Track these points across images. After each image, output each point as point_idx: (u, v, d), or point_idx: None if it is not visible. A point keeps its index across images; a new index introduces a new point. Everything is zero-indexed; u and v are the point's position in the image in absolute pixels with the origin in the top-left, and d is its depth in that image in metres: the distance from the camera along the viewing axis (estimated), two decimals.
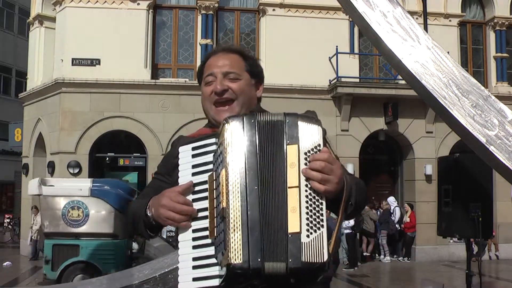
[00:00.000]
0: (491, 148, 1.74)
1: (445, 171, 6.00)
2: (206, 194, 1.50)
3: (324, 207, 1.43)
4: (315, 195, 1.43)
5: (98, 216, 9.60)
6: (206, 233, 1.47)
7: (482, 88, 1.81)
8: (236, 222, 1.38)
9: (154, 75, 14.34)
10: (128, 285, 3.80)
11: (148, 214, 1.60)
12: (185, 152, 1.57)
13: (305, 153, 1.45)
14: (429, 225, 13.31)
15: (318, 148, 1.46)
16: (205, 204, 1.50)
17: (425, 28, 13.46)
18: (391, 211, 14.85)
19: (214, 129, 1.69)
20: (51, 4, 15.03)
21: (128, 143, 14.67)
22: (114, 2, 14.08)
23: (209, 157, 1.51)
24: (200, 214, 1.50)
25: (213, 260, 1.44)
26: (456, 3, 15.78)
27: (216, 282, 1.43)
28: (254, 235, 1.37)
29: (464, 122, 1.76)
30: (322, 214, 1.42)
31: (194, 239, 1.50)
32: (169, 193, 1.54)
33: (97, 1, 14.02)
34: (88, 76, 13.69)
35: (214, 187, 1.47)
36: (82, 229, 9.60)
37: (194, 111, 13.40)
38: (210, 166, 1.50)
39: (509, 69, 16.30)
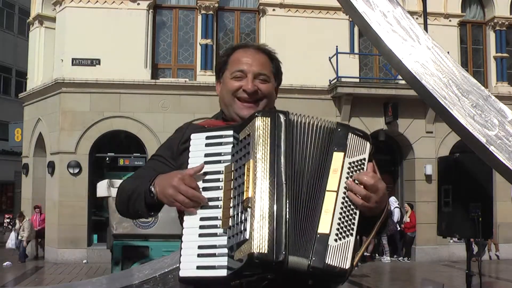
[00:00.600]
0: (491, 148, 1.74)
1: (445, 171, 6.00)
2: (218, 184, 1.48)
3: (357, 217, 1.44)
4: (351, 203, 1.45)
5: (167, 218, 9.58)
6: (215, 222, 1.45)
7: (482, 88, 1.81)
8: (263, 212, 1.36)
9: (154, 75, 14.35)
10: (128, 285, 3.80)
11: (152, 190, 1.55)
12: (198, 140, 1.55)
13: (350, 163, 1.49)
14: (429, 225, 13.30)
15: (363, 161, 1.52)
16: (216, 193, 1.48)
17: (425, 28, 13.46)
18: (391, 212, 14.85)
19: (229, 122, 1.70)
20: (51, 4, 15.03)
21: (128, 143, 14.67)
22: (114, 2, 14.08)
23: (224, 148, 1.51)
24: (210, 204, 1.47)
25: (221, 251, 1.41)
26: (456, 3, 15.78)
27: (223, 272, 1.39)
28: (280, 227, 1.35)
29: (464, 122, 1.76)
30: (354, 224, 1.43)
31: (201, 227, 1.46)
32: (182, 175, 1.49)
33: (97, 1, 14.02)
34: (88, 76, 13.69)
35: (233, 178, 1.45)
36: (151, 230, 9.63)
37: (194, 111, 13.41)
38: (225, 157, 1.50)
39: (509, 69, 16.30)
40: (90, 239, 14.09)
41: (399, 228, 14.80)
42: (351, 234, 1.41)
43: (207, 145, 1.53)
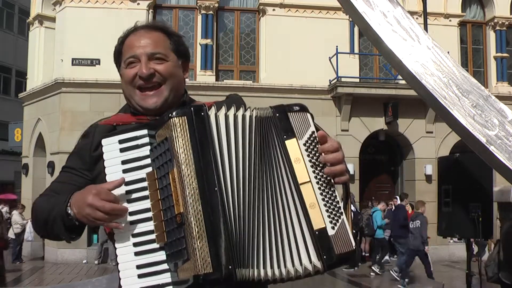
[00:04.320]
0: (491, 148, 1.74)
1: (445, 171, 6.00)
2: (144, 193, 1.35)
3: (337, 193, 1.37)
4: (326, 185, 1.36)
5: None
6: (150, 237, 1.32)
7: (482, 88, 1.81)
8: (200, 228, 1.25)
9: None
10: None
11: (69, 212, 1.38)
12: (110, 146, 1.39)
13: (304, 145, 1.37)
14: (429, 225, 13.29)
15: (314, 135, 1.39)
16: (144, 204, 1.34)
17: (425, 28, 13.46)
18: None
19: (140, 116, 1.54)
20: (51, 4, 15.04)
21: None
22: (114, 2, 14.08)
23: (142, 151, 1.37)
24: (141, 216, 1.34)
25: (163, 267, 1.31)
26: (456, 3, 15.78)
27: None
28: (221, 241, 1.26)
29: (464, 122, 1.76)
30: (338, 202, 1.36)
31: (135, 244, 1.33)
32: (96, 190, 1.33)
33: (97, 1, 14.02)
34: (88, 76, 13.70)
35: (159, 187, 1.33)
36: None
37: None
38: (145, 161, 1.36)
39: (509, 69, 16.31)
40: (90, 239, 14.10)
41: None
42: (341, 213, 1.34)
43: (122, 150, 1.38)
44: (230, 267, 1.25)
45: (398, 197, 15.36)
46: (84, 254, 13.74)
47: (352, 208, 13.47)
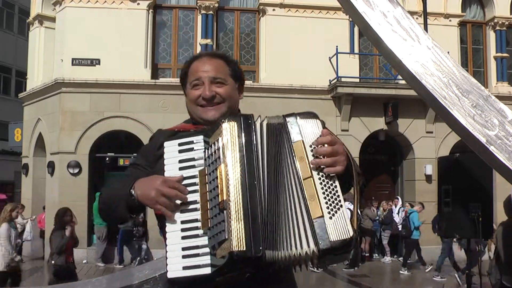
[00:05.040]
0: (491, 148, 1.74)
1: (445, 171, 6.00)
2: (194, 187, 1.57)
3: (338, 187, 1.54)
4: (328, 179, 1.54)
5: None
6: (196, 224, 1.54)
7: (482, 88, 1.81)
8: (238, 213, 1.47)
9: (154, 75, 14.35)
10: (128, 285, 3.80)
11: (133, 193, 1.62)
12: (171, 147, 1.64)
13: (310, 146, 1.57)
14: (429, 225, 13.31)
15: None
16: (193, 197, 1.57)
17: (425, 28, 13.46)
18: (397, 211, 14.83)
19: (198, 126, 1.81)
20: (51, 4, 15.04)
21: (128, 143, 14.67)
22: (114, 2, 14.08)
23: (196, 153, 1.61)
24: (189, 207, 1.56)
25: (204, 250, 1.51)
26: (456, 3, 15.78)
27: (208, 270, 1.49)
28: (255, 225, 1.46)
29: (464, 122, 1.76)
30: (338, 195, 1.53)
31: (183, 230, 1.55)
32: (164, 179, 1.58)
33: (97, 1, 14.02)
34: (88, 76, 13.69)
35: (207, 181, 1.55)
36: None
37: None
38: (198, 162, 1.59)
39: (509, 69, 16.31)
40: (90, 239, 14.10)
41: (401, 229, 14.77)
42: (341, 205, 1.51)
43: (180, 151, 1.63)
44: (261, 248, 1.45)
45: (399, 197, 15.39)
46: (84, 254, 13.73)
47: (351, 207, 13.45)
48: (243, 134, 1.56)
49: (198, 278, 1.50)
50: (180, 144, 1.63)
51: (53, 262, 7.70)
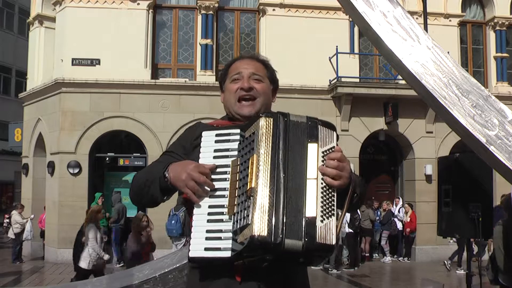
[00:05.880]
0: (491, 148, 1.74)
1: (445, 171, 6.00)
2: (225, 176, 1.66)
3: (335, 198, 1.64)
4: (329, 187, 1.64)
5: None
6: (222, 210, 1.62)
7: (482, 88, 1.81)
8: (264, 201, 1.53)
9: (154, 75, 14.34)
10: (128, 285, 3.80)
11: (166, 175, 1.70)
12: (208, 137, 1.74)
13: (323, 152, 1.67)
14: (429, 225, 13.31)
15: (333, 149, 1.70)
16: (223, 184, 1.65)
17: (425, 28, 13.46)
18: (398, 211, 14.83)
19: (235, 122, 1.90)
20: (51, 4, 15.03)
21: (128, 143, 14.68)
22: (114, 2, 14.08)
23: (231, 145, 1.69)
24: (218, 193, 1.65)
25: (226, 235, 1.58)
26: (456, 3, 15.78)
27: (228, 254, 1.57)
28: (277, 214, 1.52)
29: (464, 122, 1.76)
30: (333, 204, 1.63)
31: (209, 213, 1.63)
32: (196, 164, 1.67)
33: (97, 1, 14.02)
34: (88, 76, 13.69)
35: (238, 171, 1.63)
36: None
37: (194, 111, 13.41)
38: (232, 153, 1.68)
39: (509, 69, 16.30)
40: None
41: (401, 229, 14.78)
42: (333, 214, 1.60)
43: (216, 141, 1.72)
44: (280, 235, 1.50)
45: (400, 197, 15.39)
46: None
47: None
48: (278, 130, 1.63)
49: (217, 259, 1.58)
50: (217, 135, 1.72)
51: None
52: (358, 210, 13.58)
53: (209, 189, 1.65)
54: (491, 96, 1.80)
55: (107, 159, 14.65)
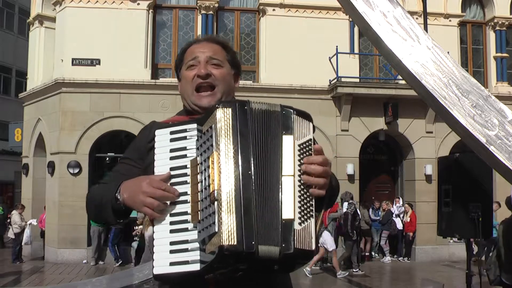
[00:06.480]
0: (491, 148, 1.74)
1: (445, 171, 6.00)
2: (185, 178, 1.48)
3: (313, 197, 1.46)
4: (306, 187, 1.46)
5: None
6: (185, 217, 1.44)
7: (482, 88, 1.81)
8: (230, 205, 1.36)
9: (154, 75, 14.35)
10: (128, 285, 3.80)
11: (118, 197, 1.54)
12: (162, 136, 1.54)
13: (299, 145, 1.48)
14: (429, 225, 13.31)
15: (310, 142, 1.51)
16: (184, 188, 1.47)
17: (425, 28, 13.46)
18: (398, 211, 14.83)
19: (192, 116, 1.69)
20: (51, 4, 15.04)
21: (128, 143, 14.54)
22: (114, 2, 14.08)
23: (189, 142, 1.50)
24: (179, 199, 1.47)
25: (193, 245, 1.41)
26: (456, 3, 15.78)
27: (197, 267, 1.40)
28: (248, 218, 1.35)
29: (464, 122, 1.76)
30: (312, 204, 1.45)
31: (172, 223, 1.46)
32: (149, 179, 1.49)
33: (97, 1, 14.02)
34: (88, 76, 13.70)
35: (199, 171, 1.45)
36: None
37: None
38: (190, 151, 1.49)
39: (509, 69, 16.30)
40: (90, 239, 14.09)
41: (401, 228, 14.78)
42: (312, 216, 1.43)
43: (172, 140, 1.53)
44: (253, 242, 1.33)
45: (400, 197, 15.38)
46: (84, 254, 13.75)
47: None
48: (238, 121, 1.44)
49: (186, 275, 1.41)
50: (172, 133, 1.53)
51: None
52: (359, 211, 13.58)
53: (169, 202, 1.47)
54: (491, 96, 1.80)
55: (107, 159, 14.65)
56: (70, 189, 13.56)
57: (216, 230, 1.34)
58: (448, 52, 1.96)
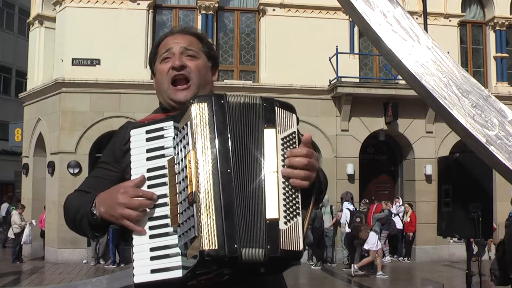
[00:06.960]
0: (491, 148, 1.74)
1: (445, 171, 6.00)
2: (163, 180, 1.41)
3: (299, 194, 1.38)
4: (291, 184, 1.39)
5: None
6: (165, 221, 1.38)
7: (482, 88, 1.81)
8: (209, 206, 1.28)
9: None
10: (128, 285, 3.80)
11: (94, 212, 1.47)
12: (137, 136, 1.47)
13: (282, 139, 1.40)
14: (429, 225, 13.31)
15: (294, 135, 1.43)
16: (163, 190, 1.40)
17: (425, 28, 13.46)
18: (397, 211, 14.83)
19: (170, 113, 1.60)
20: (51, 4, 15.04)
21: None
22: (114, 2, 14.08)
23: (166, 141, 1.43)
24: (157, 202, 1.40)
25: (174, 251, 1.35)
26: (456, 3, 15.78)
27: (179, 273, 1.33)
28: (229, 220, 1.28)
29: (464, 122, 1.76)
30: (298, 202, 1.37)
31: (151, 228, 1.39)
32: (124, 189, 1.42)
33: (97, 1, 14.02)
34: (88, 76, 13.70)
35: (177, 172, 1.38)
36: None
37: None
38: (167, 151, 1.42)
39: (509, 69, 16.31)
40: (90, 239, 14.11)
41: (401, 228, 14.78)
42: (298, 214, 1.35)
43: (148, 139, 1.45)
44: (235, 245, 1.27)
45: (400, 197, 15.38)
46: (84, 254, 13.75)
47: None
48: (214, 116, 1.36)
49: (168, 282, 1.34)
50: (148, 132, 1.46)
51: None
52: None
53: (148, 209, 1.39)
54: (491, 96, 1.80)
55: None
56: (70, 189, 13.21)
57: (196, 234, 1.28)
58: (448, 52, 1.96)
